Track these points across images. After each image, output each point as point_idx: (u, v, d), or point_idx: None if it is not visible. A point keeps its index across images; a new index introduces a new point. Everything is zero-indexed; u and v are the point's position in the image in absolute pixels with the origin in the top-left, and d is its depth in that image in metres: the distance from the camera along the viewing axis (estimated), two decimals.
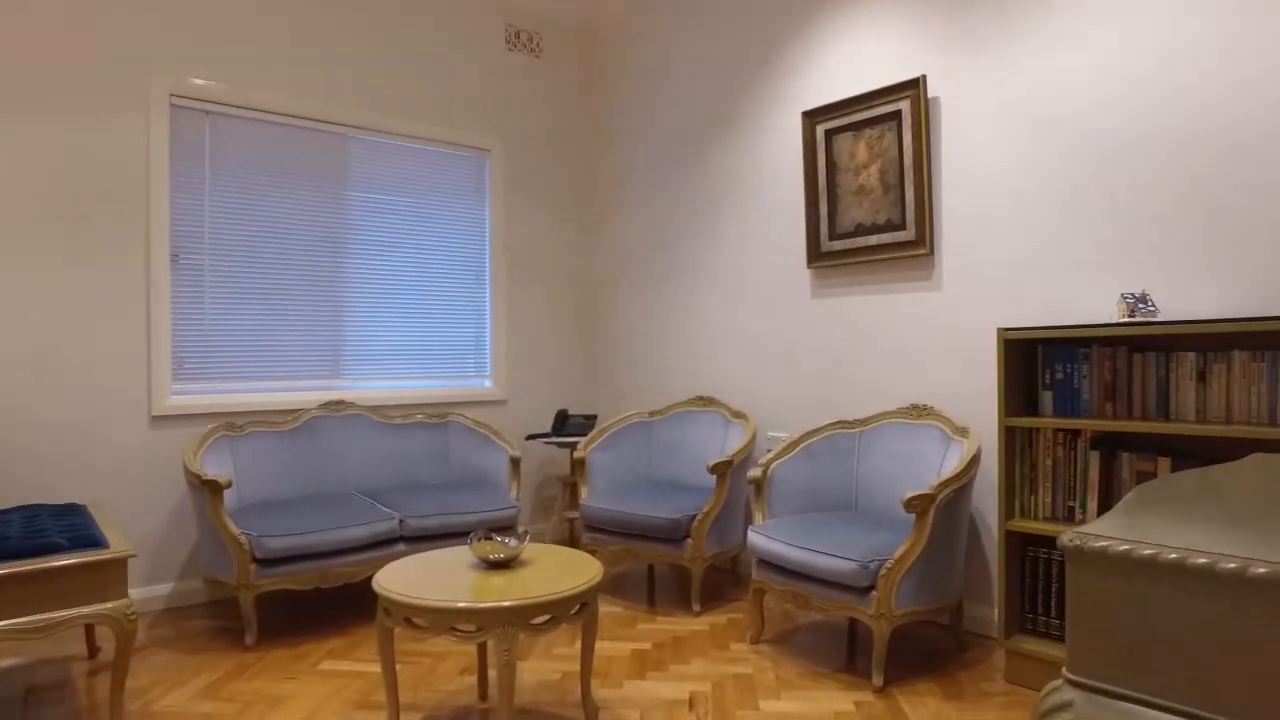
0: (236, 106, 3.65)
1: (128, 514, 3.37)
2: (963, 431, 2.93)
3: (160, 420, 3.44)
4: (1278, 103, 2.35)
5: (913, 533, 2.55)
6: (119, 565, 2.16)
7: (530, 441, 4.58)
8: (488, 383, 4.47)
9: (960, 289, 3.15)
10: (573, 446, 4.24)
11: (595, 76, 4.92)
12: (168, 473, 3.47)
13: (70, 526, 2.42)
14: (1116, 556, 0.94)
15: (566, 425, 4.27)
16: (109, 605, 2.16)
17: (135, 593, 3.36)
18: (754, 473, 3.11)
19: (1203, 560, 0.88)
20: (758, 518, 3.08)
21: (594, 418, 4.29)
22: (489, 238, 4.50)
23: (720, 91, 4.10)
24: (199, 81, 3.54)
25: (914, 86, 3.23)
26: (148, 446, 3.42)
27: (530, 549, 2.45)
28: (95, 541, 2.24)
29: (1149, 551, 0.91)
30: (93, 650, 2.89)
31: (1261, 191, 2.39)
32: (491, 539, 2.34)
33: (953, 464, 2.84)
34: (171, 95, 3.47)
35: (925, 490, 2.54)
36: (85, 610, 2.14)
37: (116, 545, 2.24)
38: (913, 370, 3.31)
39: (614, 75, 4.77)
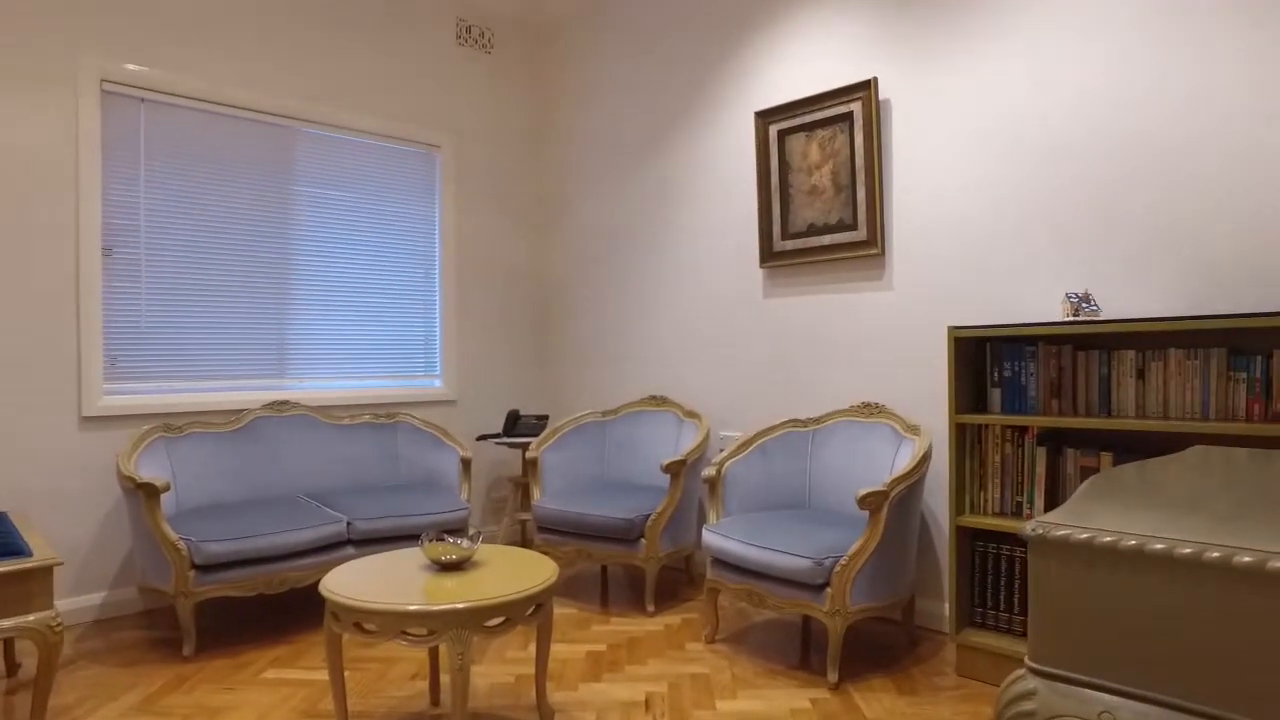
0: (174, 95, 3.51)
1: (55, 520, 3.21)
2: (914, 429, 2.97)
3: (91, 421, 3.28)
4: (1208, 112, 2.44)
5: (866, 529, 2.58)
6: (43, 574, 2.05)
7: (481, 442, 4.51)
8: (437, 382, 4.39)
9: (911, 288, 3.20)
10: (524, 447, 4.19)
11: (547, 73, 4.87)
12: (100, 476, 3.31)
13: None
14: (1077, 545, 0.94)
15: (518, 426, 4.21)
16: (31, 618, 2.04)
17: (63, 604, 3.20)
18: (708, 472, 3.10)
19: (1160, 546, 0.89)
20: (712, 517, 3.08)
21: (546, 418, 4.24)
22: (439, 235, 4.42)
23: (674, 90, 4.10)
24: (132, 67, 3.39)
25: (865, 88, 3.27)
26: (77, 449, 3.25)
27: (483, 550, 2.40)
28: (16, 549, 2.12)
29: (1109, 539, 0.92)
30: (12, 667, 2.73)
31: (1195, 196, 2.48)
32: (444, 540, 2.28)
33: (904, 461, 2.88)
34: (103, 81, 3.32)
35: (878, 487, 2.56)
36: (5, 623, 2.02)
37: (40, 553, 2.12)
38: (865, 369, 3.35)
39: (567, 72, 4.74)
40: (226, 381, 3.68)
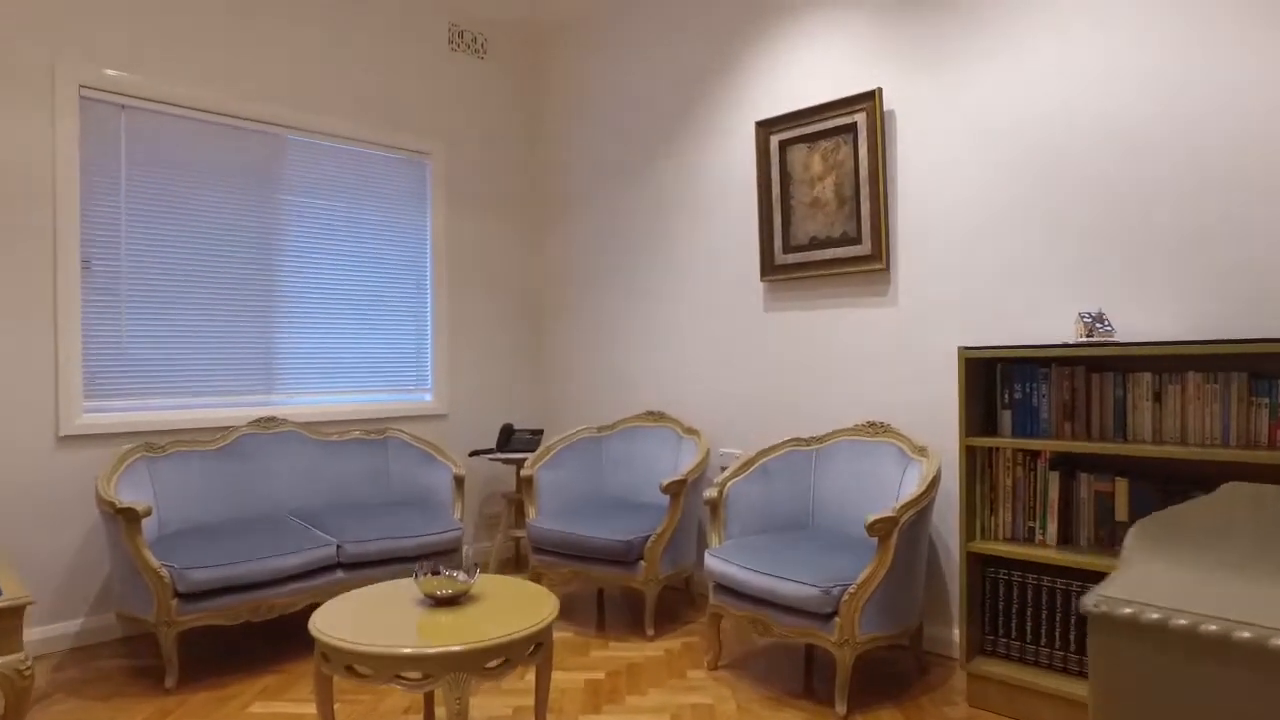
0: (156, 101, 3.39)
1: (30, 545, 3.08)
2: (921, 450, 2.89)
3: (69, 441, 3.16)
4: (1232, 127, 2.38)
5: (875, 557, 2.50)
6: (12, 615, 1.93)
7: (474, 458, 4.40)
8: (428, 396, 4.28)
9: (916, 305, 3.13)
10: (519, 463, 4.09)
11: (541, 80, 4.77)
12: (78, 498, 3.18)
13: None
14: (1148, 626, 0.86)
15: (512, 441, 4.11)
16: None
17: (39, 631, 3.08)
18: (710, 493, 3.02)
19: (1247, 634, 0.80)
20: (713, 539, 2.99)
21: (540, 433, 4.14)
22: (430, 245, 4.31)
23: (672, 98, 4.01)
24: (112, 72, 3.27)
25: (870, 99, 3.20)
26: (54, 469, 3.13)
27: (481, 582, 2.30)
28: None
29: (1184, 621, 0.84)
30: None
31: (1215, 215, 2.41)
32: (439, 573, 2.18)
33: (912, 483, 2.80)
34: (81, 86, 3.20)
35: (888, 513, 2.48)
36: None
37: (10, 591, 2.01)
38: (869, 387, 3.27)
39: (561, 79, 4.64)
40: (211, 398, 3.56)
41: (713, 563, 2.80)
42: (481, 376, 4.50)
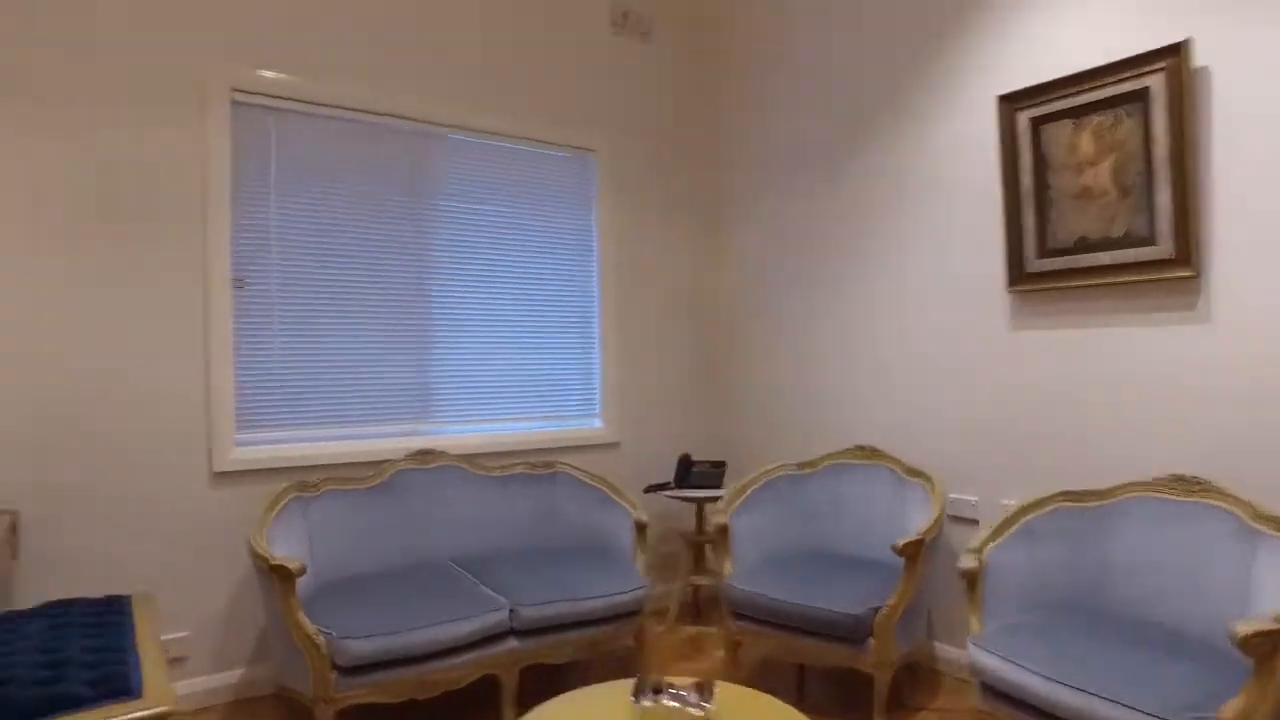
0: (307, 102, 3.07)
1: (189, 589, 2.82)
2: (1273, 521, 2.14)
3: (223, 478, 2.88)
4: None
5: (1250, 682, 1.79)
6: None
7: (649, 494, 3.89)
8: (597, 422, 3.82)
9: (1243, 323, 2.36)
10: (701, 502, 3.56)
11: (716, 62, 4.22)
12: (233, 537, 2.91)
13: (99, 650, 1.84)
14: None
15: (691, 475, 3.59)
16: None
17: (201, 682, 2.83)
18: (968, 562, 2.38)
19: None
20: (974, 623, 2.35)
21: (723, 465, 3.60)
22: (597, 253, 3.84)
23: (882, 73, 3.36)
24: (266, 74, 2.97)
25: (1171, 54, 2.46)
26: (209, 509, 2.86)
27: (718, 702, 1.77)
28: (125, 687, 1.65)
29: None
30: None
31: None
32: (660, 695, 1.67)
33: (1273, 570, 2.06)
34: (234, 90, 2.90)
35: (1272, 625, 1.77)
36: None
37: (153, 691, 1.64)
38: (1165, 428, 2.53)
39: (739, 59, 4.07)
40: (364, 428, 3.22)
41: (986, 660, 2.17)
42: (655, 400, 4.00)
